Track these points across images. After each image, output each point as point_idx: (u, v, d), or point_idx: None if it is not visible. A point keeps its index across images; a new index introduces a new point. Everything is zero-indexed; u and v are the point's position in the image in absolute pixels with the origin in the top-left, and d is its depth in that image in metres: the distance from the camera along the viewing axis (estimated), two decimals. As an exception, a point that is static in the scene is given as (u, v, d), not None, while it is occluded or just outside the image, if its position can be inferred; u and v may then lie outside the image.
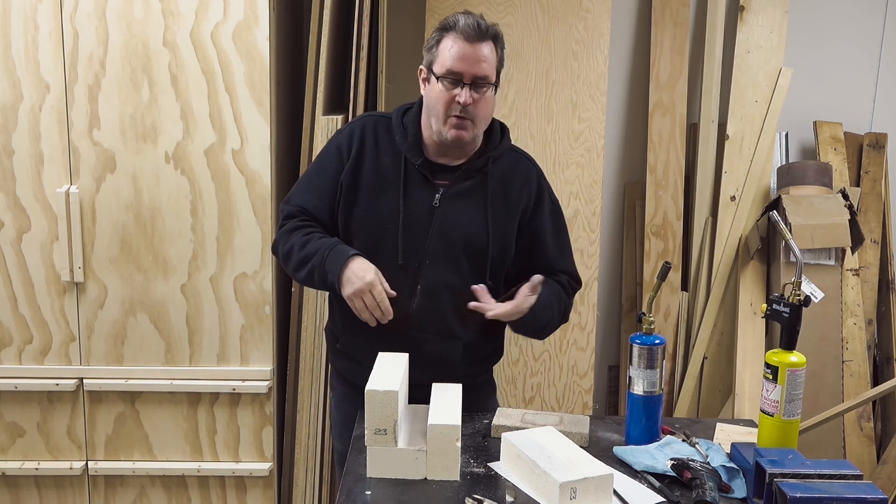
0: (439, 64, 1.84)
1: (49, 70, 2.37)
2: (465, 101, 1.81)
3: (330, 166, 1.96)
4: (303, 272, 1.90)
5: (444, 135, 1.86)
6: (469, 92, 1.81)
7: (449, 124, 1.85)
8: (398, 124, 1.95)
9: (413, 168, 1.92)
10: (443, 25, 1.86)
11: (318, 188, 1.97)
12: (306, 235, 1.91)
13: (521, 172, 1.99)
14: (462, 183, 1.93)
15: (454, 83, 1.82)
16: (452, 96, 1.82)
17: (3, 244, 2.45)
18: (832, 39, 3.20)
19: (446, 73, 1.82)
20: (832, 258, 2.93)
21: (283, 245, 1.94)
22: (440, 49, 1.84)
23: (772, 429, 1.65)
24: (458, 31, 1.81)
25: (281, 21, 2.60)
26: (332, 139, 2.03)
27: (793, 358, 1.63)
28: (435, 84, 1.85)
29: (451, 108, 1.83)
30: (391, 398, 1.59)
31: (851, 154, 3.21)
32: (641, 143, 3.19)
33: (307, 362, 2.70)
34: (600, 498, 1.51)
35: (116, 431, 2.58)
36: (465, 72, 1.81)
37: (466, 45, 1.81)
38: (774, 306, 1.66)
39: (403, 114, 1.98)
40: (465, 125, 1.84)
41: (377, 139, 1.95)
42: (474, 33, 1.81)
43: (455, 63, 1.81)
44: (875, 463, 2.97)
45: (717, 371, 3.10)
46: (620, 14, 3.14)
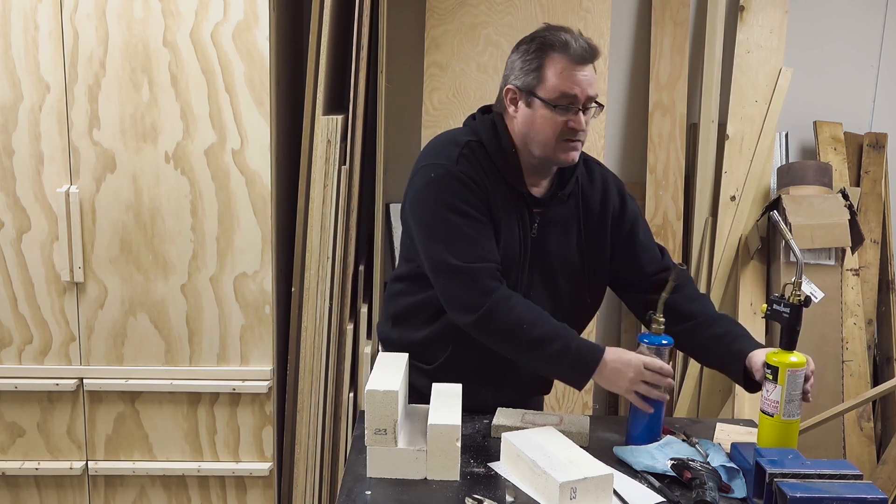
0: (548, 88, 1.73)
1: (49, 70, 2.37)
2: (581, 127, 1.74)
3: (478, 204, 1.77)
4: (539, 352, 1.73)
5: (552, 158, 1.78)
6: (582, 116, 1.74)
7: (561, 149, 1.76)
8: (496, 150, 1.80)
9: (520, 197, 1.83)
10: (543, 44, 1.74)
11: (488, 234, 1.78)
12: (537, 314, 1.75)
13: (596, 178, 1.93)
14: (556, 208, 1.86)
15: (568, 108, 1.73)
16: (565, 121, 1.73)
17: (3, 244, 2.45)
18: (832, 39, 3.20)
19: (559, 98, 1.72)
20: (832, 258, 2.93)
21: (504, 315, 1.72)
22: (546, 72, 1.73)
23: (771, 429, 1.64)
24: (569, 52, 1.72)
25: (281, 21, 2.60)
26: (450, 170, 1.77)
27: (793, 358, 1.62)
28: (540, 108, 1.74)
29: (563, 134, 1.74)
30: (391, 398, 1.59)
31: (851, 154, 3.21)
32: (641, 143, 3.19)
33: (307, 362, 2.70)
34: (600, 498, 1.51)
35: (116, 431, 2.58)
36: (580, 95, 1.73)
37: (579, 68, 1.72)
38: (775, 306, 1.66)
39: (498, 138, 1.82)
40: (577, 146, 1.77)
41: (484, 168, 1.80)
42: (585, 55, 1.72)
43: (569, 87, 1.71)
44: (875, 463, 2.97)
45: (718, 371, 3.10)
46: (620, 14, 3.14)
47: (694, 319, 1.86)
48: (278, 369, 2.68)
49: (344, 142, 2.65)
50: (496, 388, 1.93)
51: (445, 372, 1.87)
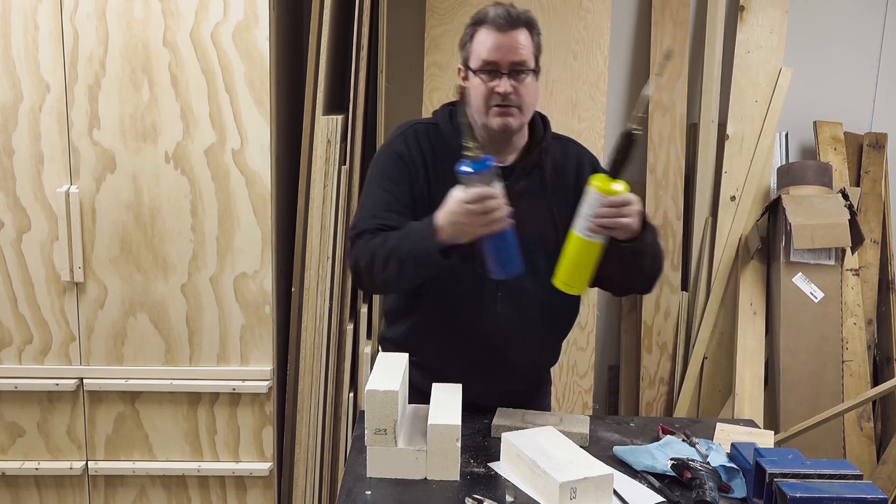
0: (475, 58, 1.80)
1: (49, 70, 2.37)
2: (505, 91, 1.77)
3: (398, 177, 1.86)
4: (389, 270, 1.75)
5: (490, 126, 1.82)
6: (508, 81, 1.78)
7: (492, 114, 1.80)
8: (449, 128, 1.88)
9: None
10: (474, 20, 1.83)
11: (394, 203, 1.84)
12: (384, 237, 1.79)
13: (571, 157, 1.95)
14: (520, 182, 1.87)
15: (492, 74, 1.78)
16: (492, 88, 1.78)
17: (3, 244, 2.45)
18: (832, 39, 3.20)
19: (483, 66, 1.78)
20: (832, 258, 2.93)
21: (364, 257, 1.79)
22: (474, 43, 1.81)
23: (568, 241, 1.70)
24: (490, 22, 1.78)
25: (281, 21, 2.60)
26: (386, 151, 1.91)
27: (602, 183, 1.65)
28: (473, 78, 1.81)
29: (491, 99, 1.79)
30: (391, 398, 1.59)
31: (851, 154, 3.21)
32: (641, 143, 3.19)
33: (307, 362, 2.70)
34: (600, 498, 1.51)
35: (116, 431, 2.58)
36: (502, 61, 1.77)
37: (500, 35, 1.77)
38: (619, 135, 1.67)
39: (450, 115, 1.90)
40: (510, 112, 1.80)
41: (433, 146, 1.88)
42: (506, 22, 1.78)
43: (490, 53, 1.77)
44: (875, 463, 2.97)
45: (717, 371, 3.10)
46: (620, 14, 3.14)
47: None
48: (278, 369, 2.68)
49: (344, 142, 2.65)
50: (486, 376, 1.90)
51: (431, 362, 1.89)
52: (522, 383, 1.99)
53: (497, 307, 1.87)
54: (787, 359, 2.90)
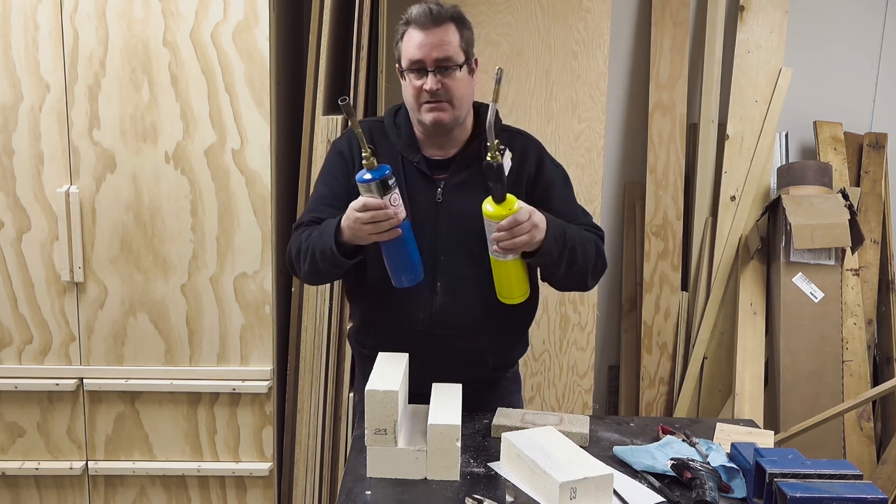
0: (404, 58, 1.85)
1: (49, 70, 2.37)
2: (431, 88, 1.82)
3: (337, 173, 1.96)
4: (307, 263, 1.86)
5: (424, 122, 1.87)
6: (434, 78, 1.82)
7: (424, 110, 1.85)
8: (391, 125, 1.96)
9: (412, 166, 1.92)
10: (402, 21, 1.88)
11: (332, 197, 1.94)
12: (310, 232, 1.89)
13: (516, 149, 1.97)
14: (460, 174, 1.92)
15: (419, 73, 1.83)
16: (420, 86, 1.83)
17: (3, 244, 2.45)
18: (832, 40, 3.20)
19: (410, 65, 1.83)
20: (832, 258, 2.93)
21: (293, 249, 1.92)
22: (403, 43, 1.86)
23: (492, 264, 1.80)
24: (413, 21, 1.83)
25: (281, 21, 2.60)
26: (332, 148, 2.03)
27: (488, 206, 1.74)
28: (404, 79, 1.87)
29: (421, 97, 1.84)
30: (391, 398, 1.59)
31: (851, 154, 3.21)
32: (641, 143, 3.19)
33: (307, 362, 2.70)
34: (600, 498, 1.51)
35: (116, 431, 2.58)
36: (427, 58, 1.82)
37: (423, 34, 1.82)
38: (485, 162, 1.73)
39: (395, 114, 1.99)
40: (441, 107, 1.84)
41: (375, 142, 1.92)
42: (427, 20, 1.82)
43: (415, 52, 1.82)
44: (875, 463, 2.97)
45: (717, 371, 3.10)
46: (620, 14, 3.14)
47: None
48: (278, 369, 2.68)
49: (344, 142, 2.65)
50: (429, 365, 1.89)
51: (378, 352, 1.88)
52: (466, 373, 1.93)
53: (437, 298, 1.90)
54: (787, 359, 2.90)
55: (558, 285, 2.00)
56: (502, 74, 1.77)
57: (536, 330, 2.96)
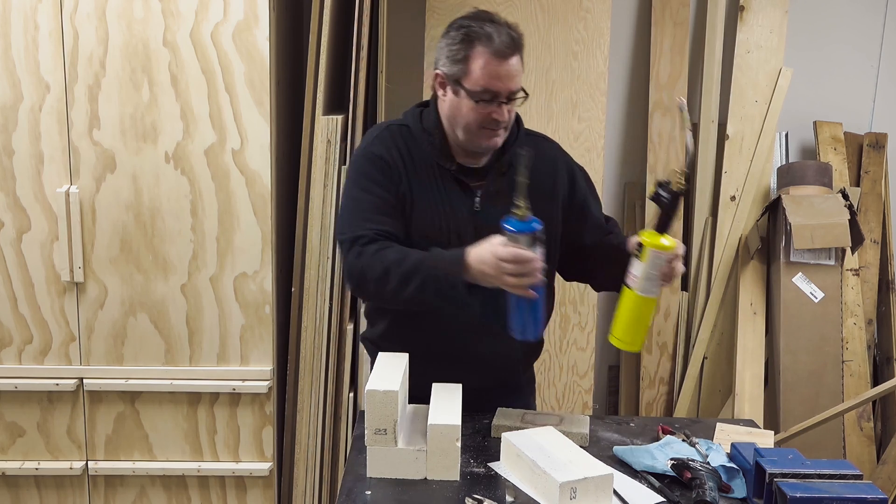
0: (472, 81, 1.75)
1: (49, 70, 2.37)
2: (504, 119, 1.78)
3: (382, 181, 1.83)
4: (410, 286, 1.73)
5: (477, 144, 1.82)
6: (505, 108, 1.77)
7: (483, 136, 1.79)
8: (419, 130, 1.87)
9: (448, 174, 1.85)
10: (468, 35, 1.77)
11: (384, 206, 1.83)
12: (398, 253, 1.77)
13: (546, 155, 1.94)
14: (497, 183, 1.87)
15: (490, 102, 1.76)
16: (488, 112, 1.76)
17: (3, 244, 2.45)
18: (832, 40, 3.20)
19: (482, 92, 1.75)
20: (832, 258, 2.93)
21: (373, 268, 1.76)
22: (471, 65, 1.75)
23: (627, 301, 1.74)
24: (493, 47, 1.73)
25: (281, 21, 2.60)
26: (365, 154, 1.88)
27: (663, 240, 1.69)
28: (465, 98, 1.77)
29: (485, 123, 1.78)
30: (391, 398, 1.59)
31: (851, 154, 3.21)
32: (641, 143, 3.19)
33: (307, 362, 2.70)
34: (600, 498, 1.51)
35: (116, 431, 2.58)
36: (503, 90, 1.75)
37: (501, 63, 1.74)
38: (659, 190, 1.72)
39: (420, 118, 1.90)
40: (499, 133, 1.81)
41: (409, 148, 1.87)
42: (508, 50, 1.74)
43: (491, 82, 1.74)
44: (875, 463, 2.97)
45: (717, 371, 3.10)
46: (620, 14, 3.14)
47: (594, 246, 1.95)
48: (278, 369, 2.68)
49: (344, 142, 2.65)
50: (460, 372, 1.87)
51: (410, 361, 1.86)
52: (496, 379, 1.97)
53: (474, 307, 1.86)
54: (787, 359, 2.90)
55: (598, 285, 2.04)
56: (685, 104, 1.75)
57: (536, 330, 2.96)
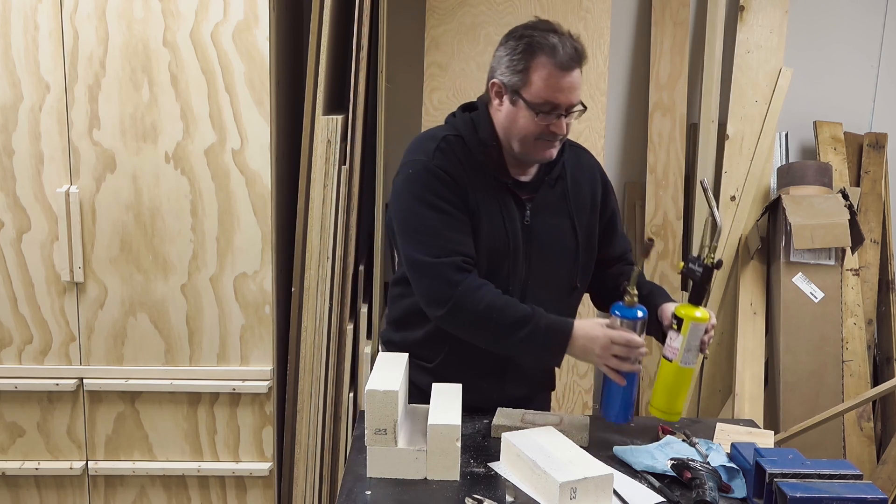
0: (532, 93, 1.73)
1: (49, 70, 2.37)
2: (562, 132, 1.76)
3: (452, 198, 1.78)
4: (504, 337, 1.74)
5: (530, 155, 1.80)
6: (564, 120, 1.76)
7: (540, 147, 1.77)
8: (475, 142, 1.82)
9: (504, 188, 1.83)
10: (531, 45, 1.73)
11: (461, 227, 1.78)
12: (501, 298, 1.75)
13: (584, 165, 1.95)
14: (547, 196, 1.87)
15: (550, 114, 1.74)
16: (547, 125, 1.74)
17: (3, 244, 2.45)
18: (832, 40, 3.20)
19: (543, 104, 1.73)
20: (832, 258, 2.93)
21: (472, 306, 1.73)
22: (532, 76, 1.72)
23: (668, 374, 1.75)
24: (556, 59, 1.70)
25: (281, 21, 2.60)
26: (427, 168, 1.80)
27: (697, 313, 1.73)
28: (523, 109, 1.75)
29: (543, 135, 1.76)
30: (391, 398, 1.59)
31: (851, 154, 3.21)
32: (641, 143, 3.19)
33: (307, 362, 2.70)
34: (600, 498, 1.51)
35: (116, 431, 2.58)
36: (564, 102, 1.73)
37: (564, 76, 1.71)
38: (690, 265, 1.79)
39: (475, 129, 1.84)
40: (555, 146, 1.79)
41: (466, 160, 1.82)
42: (573, 63, 1.72)
43: (553, 95, 1.72)
44: (875, 463, 2.97)
45: (717, 371, 3.10)
46: (620, 14, 3.14)
47: None
48: (278, 369, 2.68)
49: (344, 142, 2.65)
50: (498, 382, 1.92)
51: (446, 368, 1.88)
52: (532, 388, 2.00)
53: None
54: (787, 359, 2.90)
55: None
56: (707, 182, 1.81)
57: (536, 330, 2.96)
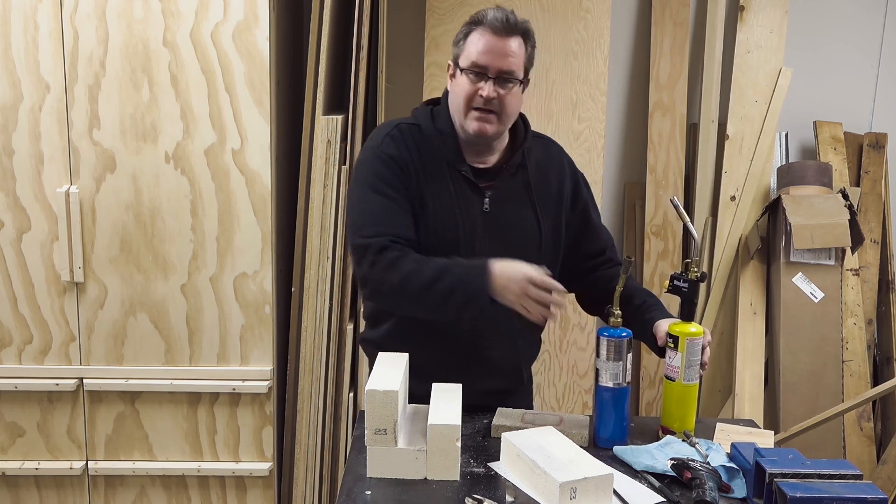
0: (465, 57, 1.80)
1: (49, 70, 2.37)
2: (488, 95, 1.78)
3: (395, 182, 1.82)
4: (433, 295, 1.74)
5: (466, 128, 1.82)
6: (493, 86, 1.78)
7: (471, 117, 1.81)
8: (431, 129, 1.87)
9: (459, 175, 1.86)
10: (472, 20, 1.82)
11: (399, 211, 1.81)
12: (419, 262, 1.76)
13: (553, 157, 1.97)
14: (507, 184, 1.88)
15: (479, 76, 1.78)
16: (476, 89, 1.78)
17: (3, 244, 2.45)
18: (832, 39, 3.20)
19: (471, 66, 1.78)
20: (832, 258, 2.93)
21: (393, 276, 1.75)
22: (467, 42, 1.80)
23: (673, 392, 1.79)
24: (486, 24, 1.78)
25: (281, 21, 2.60)
26: (376, 154, 1.85)
27: (692, 328, 1.75)
28: (460, 77, 1.81)
29: (473, 101, 1.79)
30: (391, 398, 1.59)
31: (851, 154, 3.21)
32: (641, 143, 3.19)
33: (307, 362, 2.70)
34: (600, 498, 1.51)
35: (116, 431, 2.58)
36: (491, 65, 1.77)
37: (493, 39, 1.77)
38: (675, 282, 1.80)
39: (432, 117, 1.89)
40: (489, 119, 1.80)
41: (419, 148, 1.86)
42: (502, 27, 1.77)
43: (480, 56, 1.77)
44: (875, 463, 2.97)
45: (717, 371, 3.10)
46: (620, 14, 3.14)
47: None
48: (278, 369, 2.68)
49: (344, 142, 2.65)
50: (465, 375, 1.87)
51: (414, 362, 1.84)
52: (502, 381, 1.98)
53: None
54: (787, 359, 2.90)
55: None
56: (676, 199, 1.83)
57: (536, 330, 2.96)
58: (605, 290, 1.94)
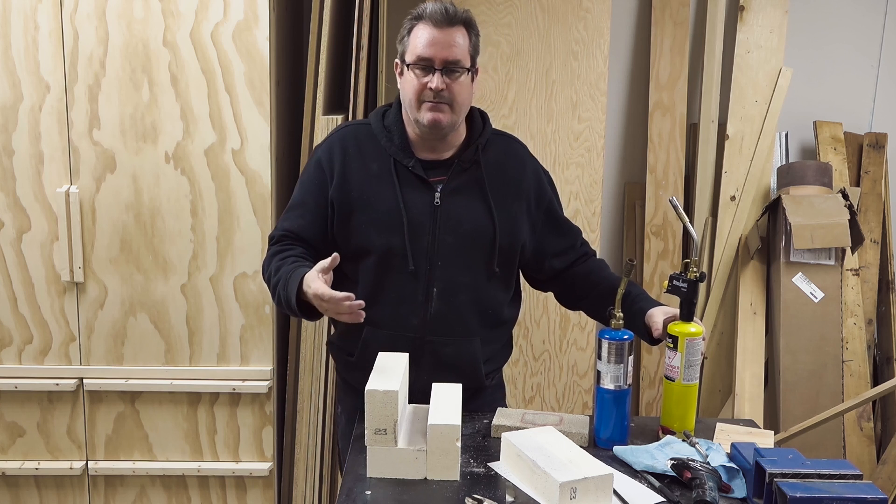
0: (410, 52, 1.83)
1: (49, 70, 2.37)
2: (437, 87, 1.80)
3: (312, 183, 1.93)
4: (273, 292, 1.88)
5: (420, 121, 1.85)
6: (441, 77, 1.81)
7: (424, 109, 1.83)
8: (380, 128, 1.92)
9: (406, 170, 1.89)
10: (413, 15, 1.86)
11: (302, 208, 1.94)
12: (280, 261, 1.87)
13: (514, 154, 1.99)
14: (458, 178, 1.91)
15: (425, 70, 1.81)
16: (424, 83, 1.81)
17: (3, 244, 2.45)
18: (832, 40, 3.20)
19: (417, 60, 1.81)
20: (832, 258, 2.93)
21: (264, 272, 1.94)
22: (411, 38, 1.84)
23: (674, 392, 1.79)
24: (427, 17, 1.82)
25: (281, 21, 2.60)
26: (313, 153, 1.99)
27: (691, 328, 1.76)
28: (408, 73, 1.84)
29: (423, 95, 1.82)
30: (391, 398, 1.59)
31: (851, 154, 3.21)
32: (641, 143, 3.19)
33: (307, 362, 2.70)
34: (600, 498, 1.51)
35: (116, 431, 2.58)
36: (436, 57, 1.80)
37: (435, 31, 1.81)
38: (674, 282, 1.79)
39: (382, 116, 1.95)
40: (441, 108, 1.83)
41: (360, 148, 1.91)
42: (442, 18, 1.81)
43: (425, 49, 1.81)
44: (875, 463, 2.97)
45: (717, 371, 3.10)
46: (620, 14, 3.14)
47: (598, 286, 1.99)
48: (278, 369, 2.68)
49: (344, 142, 2.65)
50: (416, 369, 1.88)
51: (366, 359, 1.83)
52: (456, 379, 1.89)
53: (432, 303, 1.89)
54: (787, 359, 2.90)
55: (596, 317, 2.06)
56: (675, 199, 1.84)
57: (536, 330, 2.96)
58: (585, 285, 1.99)
